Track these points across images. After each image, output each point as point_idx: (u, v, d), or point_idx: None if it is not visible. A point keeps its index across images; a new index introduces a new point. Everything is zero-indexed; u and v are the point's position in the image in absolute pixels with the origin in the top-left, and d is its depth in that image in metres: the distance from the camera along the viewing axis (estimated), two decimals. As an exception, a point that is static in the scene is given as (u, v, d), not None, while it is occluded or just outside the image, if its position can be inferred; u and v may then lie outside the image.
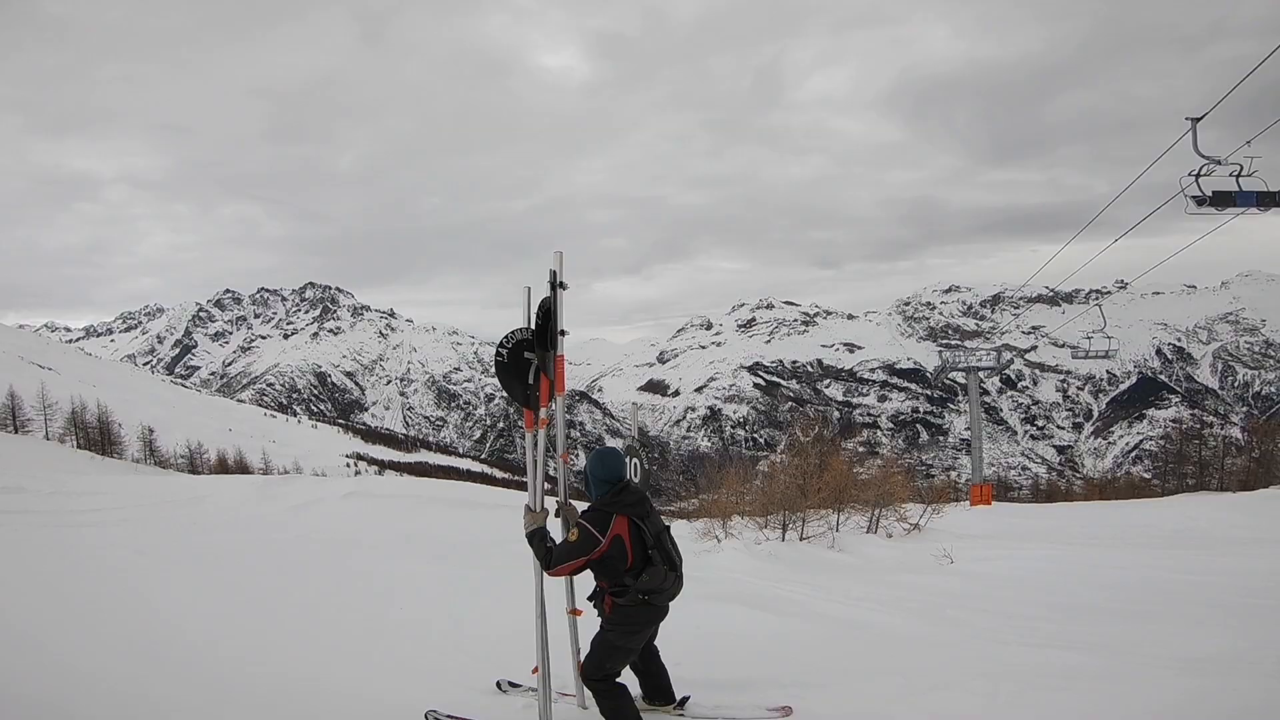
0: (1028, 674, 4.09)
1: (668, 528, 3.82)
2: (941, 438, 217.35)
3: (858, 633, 5.13)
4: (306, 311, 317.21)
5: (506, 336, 4.07)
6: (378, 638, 5.30)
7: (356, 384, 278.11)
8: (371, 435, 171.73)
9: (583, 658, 3.82)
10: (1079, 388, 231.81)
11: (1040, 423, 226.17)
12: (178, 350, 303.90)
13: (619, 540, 3.59)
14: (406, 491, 24.63)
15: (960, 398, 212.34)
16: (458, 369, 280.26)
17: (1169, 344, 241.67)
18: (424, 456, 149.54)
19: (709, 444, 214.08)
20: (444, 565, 8.18)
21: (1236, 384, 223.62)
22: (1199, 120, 8.83)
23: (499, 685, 4.40)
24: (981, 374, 40.12)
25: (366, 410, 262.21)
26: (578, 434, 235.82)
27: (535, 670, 3.91)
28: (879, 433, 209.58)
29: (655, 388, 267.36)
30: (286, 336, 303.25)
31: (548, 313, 4.02)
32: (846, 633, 5.13)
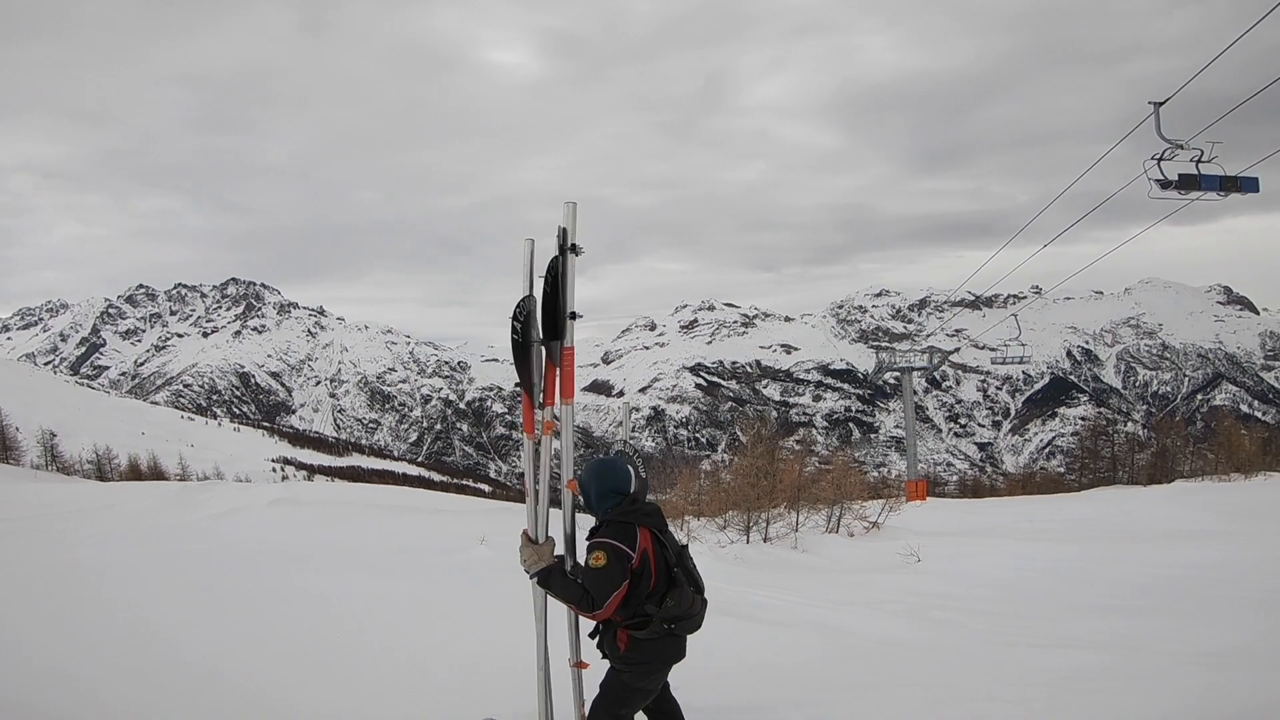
0: (1051, 677, 3.91)
1: (685, 546, 3.30)
2: (873, 435, 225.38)
3: (853, 641, 4.87)
4: (228, 309, 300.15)
5: (520, 305, 3.18)
6: (326, 664, 4.68)
7: (282, 385, 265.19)
8: (299, 438, 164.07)
9: (588, 705, 3.23)
10: (997, 388, 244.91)
11: (963, 421, 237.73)
12: (84, 349, 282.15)
13: (645, 557, 3.02)
14: (340, 497, 23.32)
15: (890, 397, 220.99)
16: (392, 369, 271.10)
17: (1078, 346, 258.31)
18: (356, 460, 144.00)
19: (653, 444, 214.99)
20: (390, 579, 7.50)
21: (1137, 384, 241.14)
22: (1162, 104, 8.98)
23: None
24: (915, 374, 41.78)
25: (294, 412, 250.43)
26: (517, 435, 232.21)
27: None
28: (814, 431, 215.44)
29: (599, 388, 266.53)
30: (206, 335, 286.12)
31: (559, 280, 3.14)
32: (842, 641, 4.87)
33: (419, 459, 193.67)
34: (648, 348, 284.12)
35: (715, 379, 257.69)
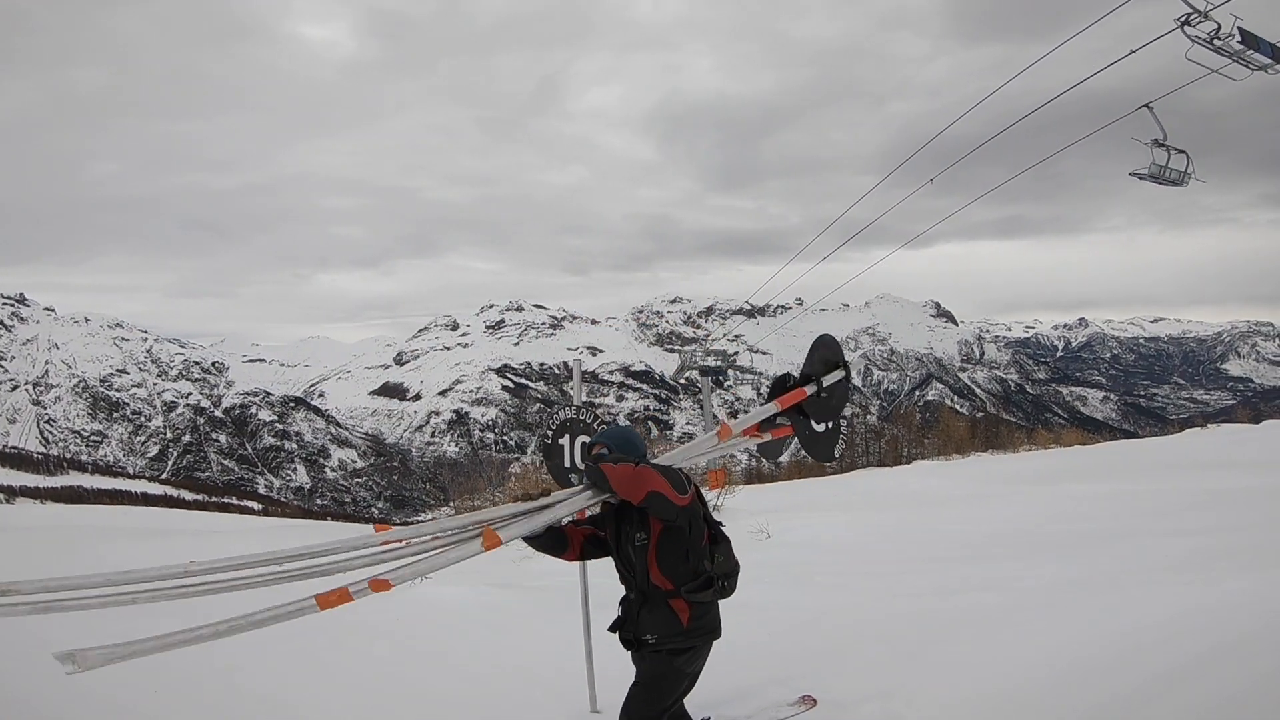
0: (974, 617, 4.20)
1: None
2: (669, 432, 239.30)
3: (774, 614, 4.88)
4: None
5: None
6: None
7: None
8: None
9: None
10: (769, 386, 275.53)
11: (739, 417, 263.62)
12: None
13: (697, 499, 2.92)
14: (66, 521, 18.75)
15: (681, 396, 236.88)
16: (123, 370, 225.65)
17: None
18: (76, 479, 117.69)
19: (457, 449, 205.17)
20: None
21: (874, 382, 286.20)
22: None
23: None
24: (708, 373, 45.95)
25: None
26: (294, 445, 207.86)
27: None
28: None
29: (392, 391, 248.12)
30: None
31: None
32: (766, 615, 4.84)
33: (163, 476, 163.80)
34: (449, 348, 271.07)
35: (523, 380, 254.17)
